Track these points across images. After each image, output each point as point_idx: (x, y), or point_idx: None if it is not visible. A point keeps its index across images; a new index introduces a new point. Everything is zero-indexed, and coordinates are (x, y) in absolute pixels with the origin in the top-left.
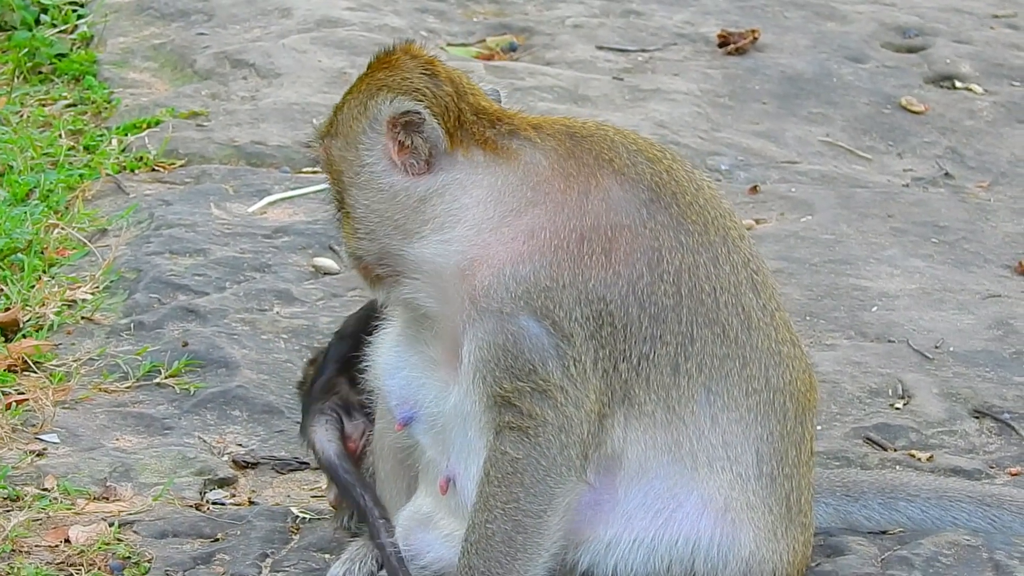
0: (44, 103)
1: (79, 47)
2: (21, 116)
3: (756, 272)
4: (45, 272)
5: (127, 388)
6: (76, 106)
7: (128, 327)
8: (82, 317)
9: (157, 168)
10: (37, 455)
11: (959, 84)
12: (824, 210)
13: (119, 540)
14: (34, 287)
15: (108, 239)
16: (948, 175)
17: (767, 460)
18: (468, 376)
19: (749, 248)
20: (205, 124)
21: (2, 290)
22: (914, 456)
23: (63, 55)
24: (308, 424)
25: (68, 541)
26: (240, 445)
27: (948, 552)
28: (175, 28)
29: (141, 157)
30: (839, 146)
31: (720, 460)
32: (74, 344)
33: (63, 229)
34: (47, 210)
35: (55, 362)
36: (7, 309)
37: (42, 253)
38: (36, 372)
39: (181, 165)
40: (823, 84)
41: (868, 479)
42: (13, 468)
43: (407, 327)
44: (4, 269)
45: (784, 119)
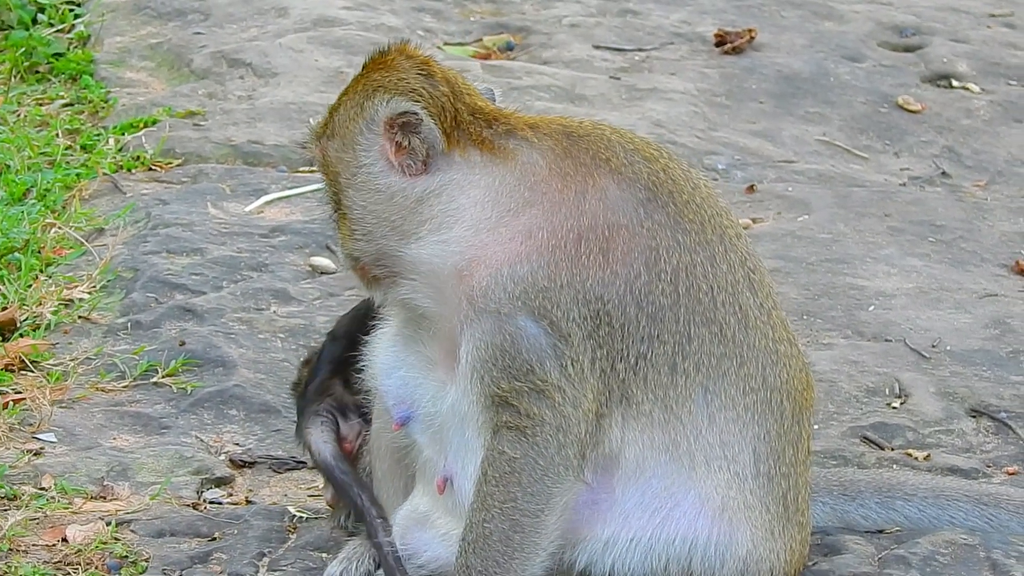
0: (41, 102)
1: (76, 46)
2: (18, 115)
3: (753, 271)
4: (42, 271)
5: (124, 387)
6: (73, 105)
7: (125, 326)
8: (79, 316)
9: (154, 167)
10: (34, 454)
11: (956, 83)
12: (821, 209)
13: (116, 539)
14: (31, 286)
15: (105, 238)
16: (945, 174)
17: (764, 459)
18: (466, 376)
19: (746, 247)
20: (202, 123)
21: None
22: (911, 455)
23: (60, 54)
24: (303, 426)
25: (65, 540)
26: (237, 444)
27: (945, 551)
28: (172, 28)
29: (138, 156)
30: (836, 145)
31: (717, 459)
32: (71, 343)
33: (60, 228)
34: (44, 209)
35: (52, 361)
36: (4, 308)
37: (39, 252)
38: (33, 371)
39: (178, 164)
40: (820, 83)
41: (865, 478)
42: (10, 467)
43: (404, 327)
44: (1, 268)
45: (781, 118)
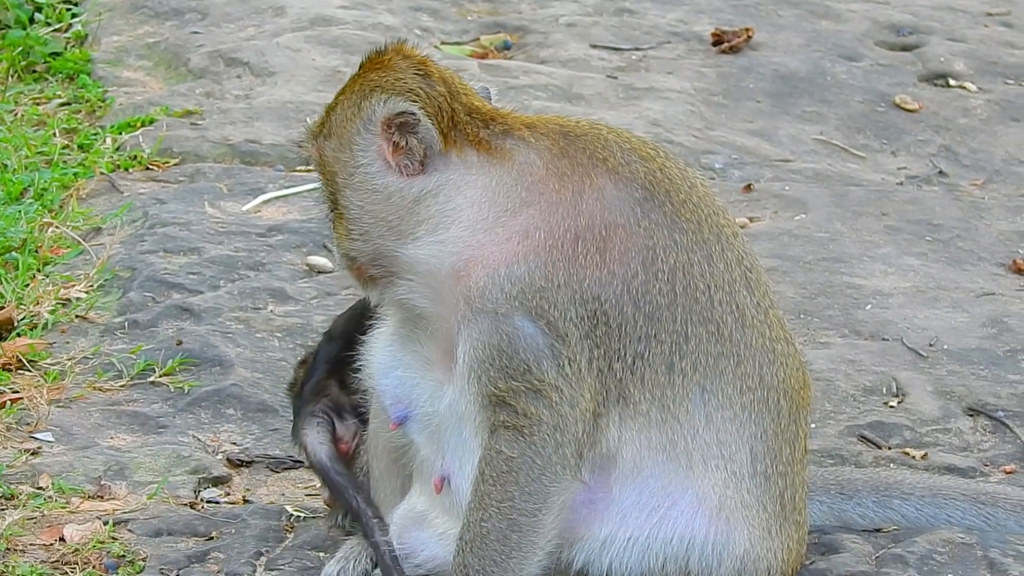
0: (38, 102)
1: (73, 46)
2: (15, 115)
3: (750, 270)
4: (39, 271)
5: (121, 387)
6: (70, 105)
7: (122, 325)
8: (76, 316)
9: (151, 167)
10: (31, 454)
11: (953, 82)
12: (818, 208)
13: (113, 539)
14: (28, 285)
15: (102, 238)
16: (942, 173)
17: (761, 458)
18: (463, 376)
19: (743, 246)
20: (199, 123)
21: None
22: (908, 454)
23: (57, 54)
24: (299, 427)
25: (63, 540)
26: (234, 443)
27: (942, 550)
28: (169, 27)
29: (135, 156)
30: (833, 144)
31: (714, 458)
32: (68, 343)
33: (57, 228)
34: (41, 209)
35: (49, 361)
36: (1, 308)
37: (36, 252)
38: (30, 371)
39: (175, 163)
40: (817, 82)
41: (862, 477)
42: (8, 467)
43: (401, 327)
44: None
45: (778, 117)
